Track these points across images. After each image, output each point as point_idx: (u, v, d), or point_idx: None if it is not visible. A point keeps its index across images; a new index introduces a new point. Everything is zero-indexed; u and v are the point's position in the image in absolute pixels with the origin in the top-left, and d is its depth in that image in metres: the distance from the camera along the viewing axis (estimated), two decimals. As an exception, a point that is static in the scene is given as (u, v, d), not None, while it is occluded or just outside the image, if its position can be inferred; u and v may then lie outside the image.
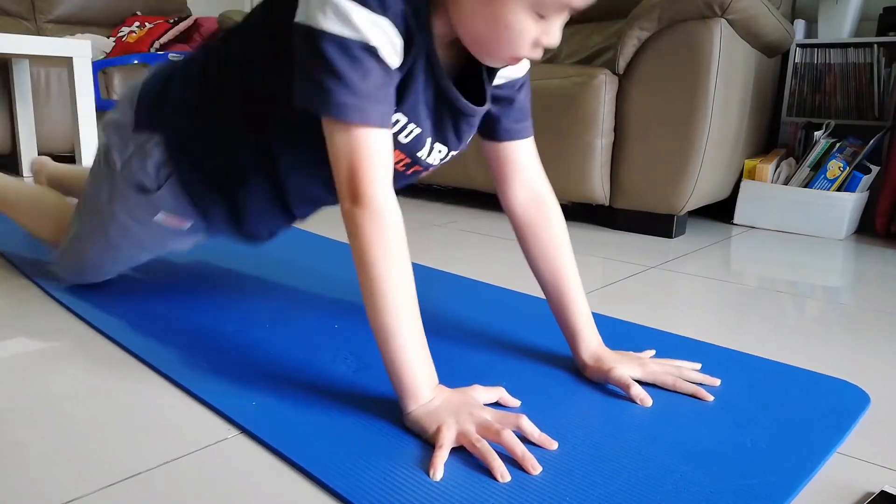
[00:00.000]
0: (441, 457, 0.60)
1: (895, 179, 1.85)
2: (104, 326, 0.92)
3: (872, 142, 1.85)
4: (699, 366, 0.82)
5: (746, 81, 1.83)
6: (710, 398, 0.75)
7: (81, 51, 2.04)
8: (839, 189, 1.87)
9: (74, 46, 2.03)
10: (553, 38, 0.68)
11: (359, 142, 0.65)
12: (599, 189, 1.82)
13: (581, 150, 1.78)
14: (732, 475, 0.60)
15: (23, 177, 2.52)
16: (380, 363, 0.67)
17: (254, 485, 0.58)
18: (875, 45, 1.93)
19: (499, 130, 0.83)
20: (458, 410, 0.64)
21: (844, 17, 2.00)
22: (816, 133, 1.93)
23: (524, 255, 0.86)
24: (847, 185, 1.86)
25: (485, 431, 0.62)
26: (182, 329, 0.92)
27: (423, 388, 0.66)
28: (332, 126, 0.65)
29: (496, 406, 0.71)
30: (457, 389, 0.69)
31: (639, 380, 0.77)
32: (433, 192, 2.41)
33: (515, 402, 0.72)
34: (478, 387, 0.71)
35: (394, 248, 0.66)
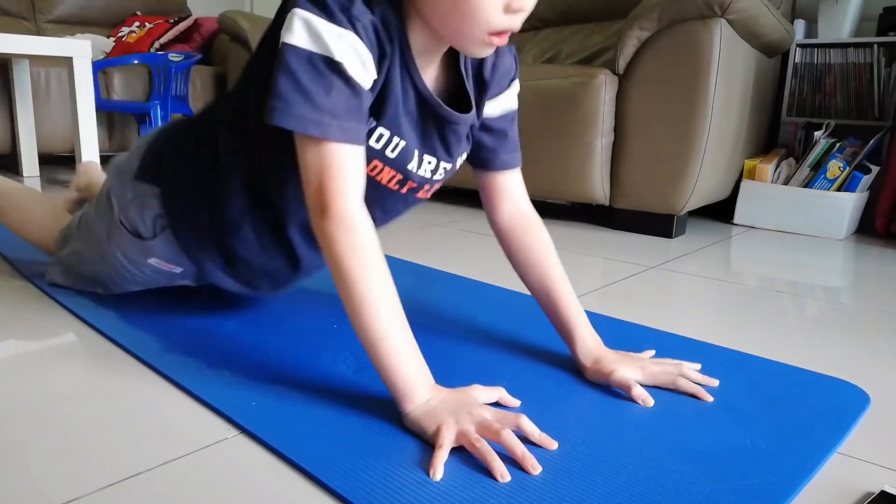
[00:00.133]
0: (441, 457, 0.60)
1: (895, 179, 1.85)
2: (104, 326, 0.92)
3: (872, 142, 1.86)
4: (699, 366, 0.82)
5: (746, 81, 1.83)
6: (710, 398, 0.75)
7: (81, 51, 2.04)
8: (839, 189, 1.87)
9: (74, 46, 2.03)
10: None
11: (326, 157, 0.65)
12: (599, 189, 1.82)
13: (581, 150, 1.79)
14: (732, 475, 0.60)
15: (22, 177, 2.52)
16: (380, 363, 0.67)
17: (254, 485, 0.58)
18: (875, 45, 1.93)
19: (494, 161, 0.86)
20: (458, 410, 0.64)
21: (844, 17, 2.00)
22: (816, 133, 1.93)
23: (513, 267, 0.88)
24: (847, 185, 1.86)
25: (484, 431, 0.62)
26: (182, 329, 0.92)
27: (418, 388, 0.66)
28: (301, 141, 0.66)
29: (496, 406, 0.71)
30: (456, 389, 0.69)
31: (639, 382, 0.77)
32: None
33: (515, 402, 0.72)
34: (478, 386, 0.71)
35: (368, 256, 0.66)
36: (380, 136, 0.72)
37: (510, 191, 0.87)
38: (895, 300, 1.26)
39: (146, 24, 3.14)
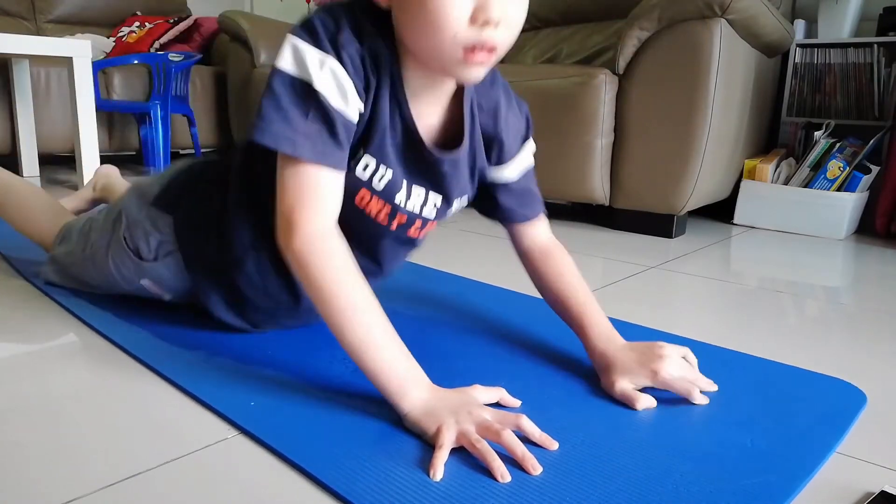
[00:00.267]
0: (441, 457, 0.60)
1: (895, 179, 1.85)
2: (104, 326, 0.92)
3: (872, 142, 1.86)
4: (715, 387, 0.77)
5: (746, 81, 1.83)
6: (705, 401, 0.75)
7: (81, 51, 2.04)
8: (839, 189, 1.87)
9: (74, 46, 2.03)
10: (492, 9, 0.61)
11: (300, 176, 0.66)
12: (599, 189, 1.82)
13: (581, 150, 1.78)
14: (732, 475, 0.60)
15: (22, 177, 2.52)
16: (380, 363, 0.67)
17: (254, 485, 0.58)
18: (875, 45, 1.93)
19: (517, 215, 0.88)
20: (458, 410, 0.64)
21: (844, 17, 2.00)
22: (816, 133, 1.93)
23: (534, 284, 0.89)
24: (847, 185, 1.86)
25: (485, 431, 0.62)
26: (182, 330, 0.92)
27: (410, 386, 0.66)
28: (280, 162, 0.68)
29: (496, 406, 0.71)
30: (456, 389, 0.69)
31: (649, 386, 0.75)
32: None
33: (516, 402, 0.72)
34: (478, 387, 0.71)
35: (340, 267, 0.66)
36: (366, 165, 0.73)
37: (533, 235, 0.89)
38: (895, 300, 1.26)
39: (146, 24, 3.14)
